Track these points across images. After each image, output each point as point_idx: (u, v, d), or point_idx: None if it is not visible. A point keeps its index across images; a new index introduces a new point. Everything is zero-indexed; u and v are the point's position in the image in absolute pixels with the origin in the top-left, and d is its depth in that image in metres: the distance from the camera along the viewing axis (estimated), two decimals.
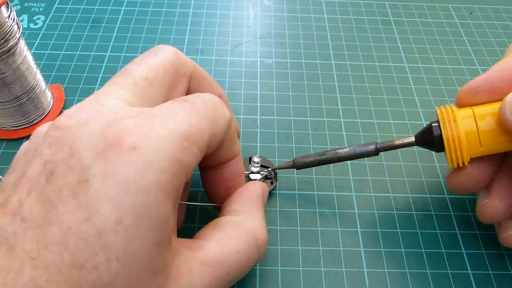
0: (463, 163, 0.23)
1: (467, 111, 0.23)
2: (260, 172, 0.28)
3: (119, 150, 0.15)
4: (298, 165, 0.26)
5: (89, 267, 0.14)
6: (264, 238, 0.21)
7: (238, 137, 0.24)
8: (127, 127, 0.15)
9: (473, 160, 0.23)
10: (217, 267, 0.18)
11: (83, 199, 0.14)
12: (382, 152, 0.30)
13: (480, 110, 0.22)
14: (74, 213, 0.14)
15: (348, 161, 0.30)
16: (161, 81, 0.20)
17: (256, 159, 0.28)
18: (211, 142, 0.18)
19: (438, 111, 0.23)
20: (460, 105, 0.24)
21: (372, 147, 0.25)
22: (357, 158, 0.26)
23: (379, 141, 0.25)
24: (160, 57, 0.20)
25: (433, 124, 0.23)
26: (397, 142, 0.25)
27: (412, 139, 0.24)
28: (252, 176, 0.28)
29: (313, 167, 0.29)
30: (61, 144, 0.15)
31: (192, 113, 0.17)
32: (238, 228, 0.20)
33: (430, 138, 0.23)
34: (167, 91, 0.20)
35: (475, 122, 0.22)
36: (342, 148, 0.26)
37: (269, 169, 0.28)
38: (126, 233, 0.14)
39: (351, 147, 0.25)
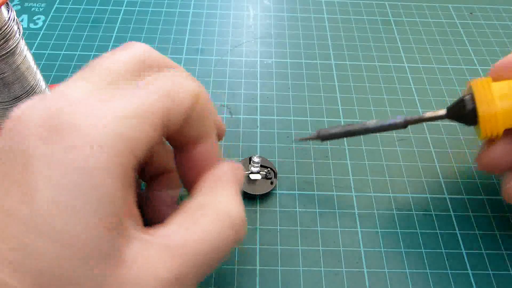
0: (497, 136, 0.23)
1: (502, 84, 0.23)
2: (260, 172, 0.28)
3: (59, 131, 0.15)
4: (323, 137, 0.26)
5: (29, 250, 0.14)
6: (239, 216, 0.19)
7: (220, 138, 0.23)
8: (70, 108, 0.15)
9: (505, 135, 0.23)
10: (183, 252, 0.16)
11: (24, 182, 0.14)
12: (382, 151, 0.30)
13: None
14: (13, 197, 0.14)
15: (348, 161, 0.30)
16: (126, 73, 0.19)
17: (256, 159, 0.28)
18: (171, 118, 0.17)
19: (472, 84, 0.23)
20: (496, 79, 0.23)
21: (400, 119, 0.24)
22: (384, 131, 0.25)
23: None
24: (128, 51, 0.19)
25: (465, 97, 0.23)
26: (427, 115, 0.24)
27: (443, 112, 0.24)
28: (252, 176, 0.28)
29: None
30: (12, 134, 0.15)
31: (145, 91, 0.17)
32: (205, 208, 0.18)
33: (462, 112, 0.23)
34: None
35: (511, 94, 0.22)
36: (370, 120, 0.25)
37: (269, 168, 0.28)
38: (64, 214, 0.14)
39: (379, 120, 0.25)
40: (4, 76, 0.27)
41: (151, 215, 0.22)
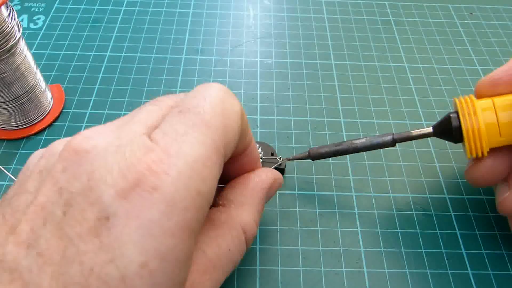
0: (482, 154, 0.23)
1: (487, 101, 0.23)
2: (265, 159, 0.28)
3: (140, 191, 0.14)
4: (314, 156, 0.26)
5: None
6: (252, 233, 0.20)
7: None
8: (146, 165, 0.15)
9: (492, 151, 0.23)
10: (214, 271, 0.18)
11: (106, 239, 0.14)
12: (382, 151, 0.30)
13: (500, 100, 0.22)
14: (96, 253, 0.14)
15: (348, 161, 0.30)
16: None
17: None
18: (228, 146, 0.17)
19: (457, 102, 0.23)
20: (479, 96, 0.24)
21: (389, 137, 0.25)
22: (373, 149, 0.25)
23: None
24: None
25: (451, 115, 0.23)
26: (415, 133, 0.25)
27: (430, 130, 0.24)
28: None
29: (312, 162, 0.29)
30: (78, 172, 0.15)
31: (203, 129, 0.16)
32: (229, 224, 0.19)
33: (448, 129, 0.23)
34: None
35: (495, 112, 0.22)
36: (359, 138, 0.25)
37: (281, 158, 0.28)
38: (152, 278, 0.14)
39: (368, 138, 0.25)
40: (4, 76, 0.27)
41: None
